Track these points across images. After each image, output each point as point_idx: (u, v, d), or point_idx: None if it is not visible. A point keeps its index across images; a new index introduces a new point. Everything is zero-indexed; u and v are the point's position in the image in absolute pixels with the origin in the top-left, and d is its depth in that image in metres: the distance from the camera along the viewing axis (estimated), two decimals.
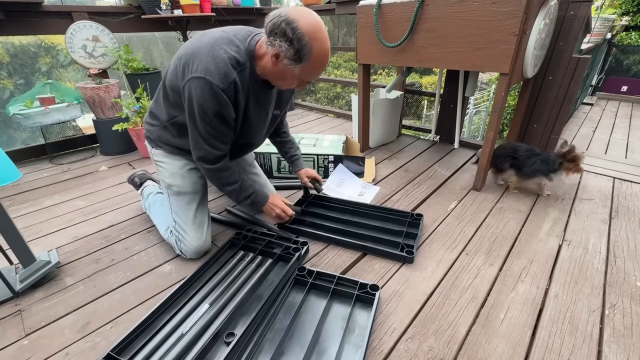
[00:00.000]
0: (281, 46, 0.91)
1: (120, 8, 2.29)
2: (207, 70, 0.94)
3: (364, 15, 1.82)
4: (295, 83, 1.05)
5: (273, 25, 0.91)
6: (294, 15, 0.89)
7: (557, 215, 1.52)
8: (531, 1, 1.29)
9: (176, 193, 1.23)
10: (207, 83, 0.94)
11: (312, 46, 0.91)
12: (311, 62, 0.94)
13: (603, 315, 1.00)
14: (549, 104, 1.89)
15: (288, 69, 0.97)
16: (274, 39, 0.92)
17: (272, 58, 0.96)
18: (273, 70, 1.00)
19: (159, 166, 1.25)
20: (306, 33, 0.89)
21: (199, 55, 0.96)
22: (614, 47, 5.92)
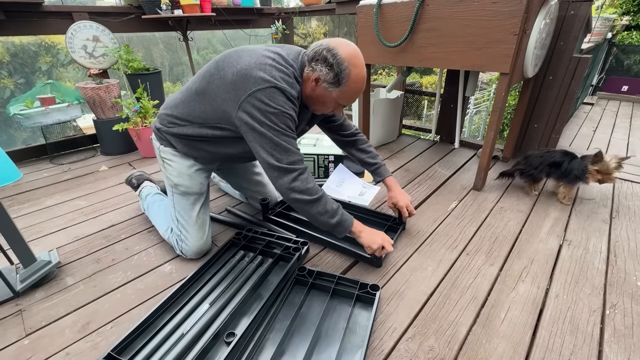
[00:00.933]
0: (322, 70, 0.98)
1: (121, 8, 2.29)
2: (273, 78, 0.95)
3: (364, 15, 1.82)
4: (332, 107, 1.09)
5: (315, 53, 0.99)
6: (334, 45, 0.98)
7: (558, 215, 1.52)
8: (532, 1, 1.29)
9: (182, 193, 1.22)
10: (276, 89, 0.95)
11: (351, 71, 0.98)
12: (349, 86, 1.00)
13: (604, 315, 1.00)
14: (550, 103, 1.89)
15: (327, 93, 1.02)
16: (316, 64, 0.99)
17: (312, 82, 1.02)
18: (312, 95, 1.05)
19: (167, 164, 1.22)
20: (345, 59, 0.96)
21: (257, 71, 0.95)
22: (615, 46, 5.91)
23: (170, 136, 1.19)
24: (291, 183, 1.02)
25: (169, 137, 1.20)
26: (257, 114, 0.95)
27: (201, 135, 1.12)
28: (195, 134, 1.12)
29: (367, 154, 1.40)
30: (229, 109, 1.00)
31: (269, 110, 0.95)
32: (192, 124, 1.12)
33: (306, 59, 1.03)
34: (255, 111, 0.95)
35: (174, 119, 1.15)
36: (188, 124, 1.13)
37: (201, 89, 1.07)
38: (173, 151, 1.22)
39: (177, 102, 1.15)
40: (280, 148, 0.99)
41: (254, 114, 0.96)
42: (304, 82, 1.05)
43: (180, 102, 1.14)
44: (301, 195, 1.03)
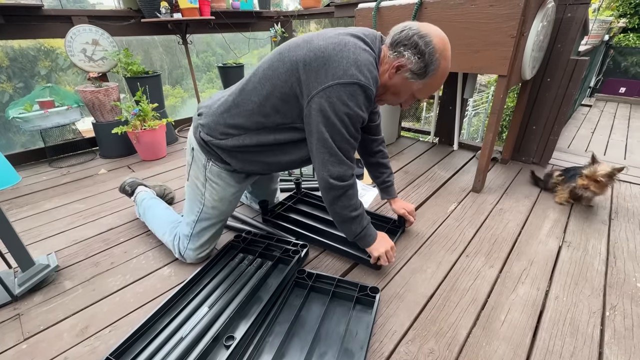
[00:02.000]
0: (410, 58, 0.87)
1: (120, 12, 2.30)
2: (359, 73, 0.84)
3: (363, 18, 1.83)
4: (403, 99, 1.00)
5: (403, 37, 0.88)
6: (427, 30, 0.87)
7: (557, 216, 1.52)
8: (529, 4, 1.30)
9: (213, 216, 1.17)
10: (360, 87, 0.84)
11: (440, 64, 0.89)
12: (434, 79, 0.92)
13: (604, 317, 1.00)
14: (548, 105, 1.90)
15: (407, 83, 0.92)
16: (404, 49, 0.88)
17: (392, 69, 0.91)
18: (388, 83, 0.94)
19: (210, 185, 1.11)
20: (438, 50, 0.87)
21: (338, 58, 0.83)
22: (612, 48, 5.94)
23: (222, 150, 1.05)
24: (339, 195, 0.98)
25: (221, 152, 1.05)
26: (331, 113, 0.85)
27: (261, 143, 0.99)
28: (255, 143, 1.00)
29: (386, 169, 1.33)
30: (301, 103, 0.89)
31: (344, 112, 0.86)
32: (249, 132, 0.99)
33: (388, 41, 0.92)
34: (330, 109, 0.85)
35: (229, 128, 1.01)
36: (244, 133, 0.99)
37: (263, 91, 0.93)
38: (222, 172, 1.11)
39: (231, 109, 1.00)
40: (335, 159, 0.92)
41: (327, 113, 0.85)
42: (381, 64, 0.94)
43: (235, 108, 0.99)
44: (344, 211, 1.01)
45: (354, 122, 0.89)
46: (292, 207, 1.59)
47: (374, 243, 1.11)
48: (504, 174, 1.95)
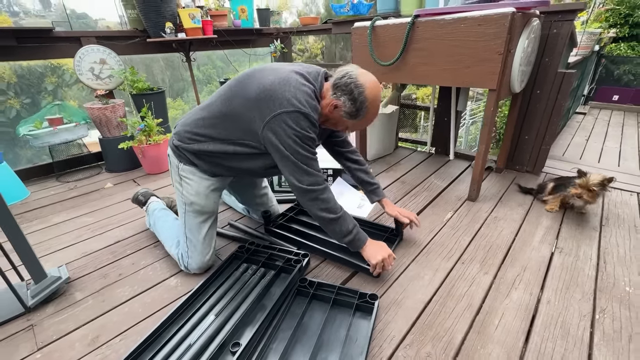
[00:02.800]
0: (345, 102, 1.07)
1: (127, 32, 2.40)
2: (298, 103, 1.01)
3: (359, 36, 1.92)
4: (341, 129, 1.23)
5: (342, 83, 1.06)
6: (363, 81, 1.05)
7: (550, 223, 1.57)
8: (514, 23, 1.38)
9: (195, 211, 1.25)
10: (301, 114, 1.01)
11: (369, 110, 1.09)
12: (364, 121, 1.13)
13: (593, 320, 1.04)
14: (539, 116, 1.97)
15: (342, 119, 1.12)
16: (341, 93, 1.07)
17: (331, 106, 1.10)
18: (328, 116, 1.13)
19: (185, 182, 1.23)
20: (369, 98, 1.06)
21: (282, 92, 1.01)
22: (604, 58, 6.07)
23: (189, 153, 1.19)
24: (312, 202, 1.11)
25: (189, 155, 1.20)
26: (283, 136, 1.01)
27: (223, 151, 1.14)
28: (217, 150, 1.14)
29: (366, 174, 1.46)
30: (256, 128, 1.05)
31: (293, 133, 1.01)
32: (214, 140, 1.14)
33: (331, 82, 1.10)
34: (281, 132, 1.01)
35: (195, 135, 1.16)
36: (210, 140, 1.15)
37: (224, 110, 1.10)
38: (193, 169, 1.22)
39: (198, 121, 1.16)
40: (301, 170, 1.07)
41: (280, 136, 1.02)
42: (323, 97, 1.12)
43: (201, 120, 1.15)
44: (322, 212, 1.12)
45: (304, 141, 1.05)
46: (294, 218, 1.65)
47: (370, 250, 1.19)
48: (499, 182, 2.01)
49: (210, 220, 1.30)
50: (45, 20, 2.11)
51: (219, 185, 1.29)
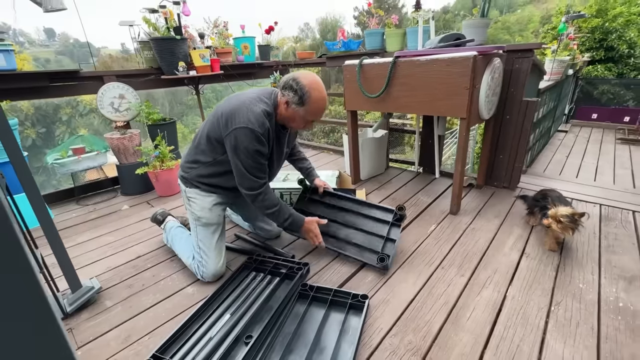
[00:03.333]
0: (289, 95, 1.31)
1: (143, 70, 2.69)
2: (249, 121, 1.27)
3: (349, 72, 2.21)
4: (303, 123, 1.40)
5: (284, 83, 1.33)
6: (297, 75, 1.32)
7: (520, 232, 1.79)
8: (476, 64, 1.66)
9: (204, 224, 1.49)
10: (250, 130, 1.27)
11: (311, 94, 1.30)
12: (311, 105, 1.32)
13: (549, 311, 1.24)
14: (510, 138, 2.23)
15: (296, 111, 1.34)
16: (285, 91, 1.32)
17: (284, 105, 1.34)
18: (286, 115, 1.37)
19: (191, 201, 1.49)
20: (306, 85, 1.29)
21: (239, 111, 1.29)
22: (580, 80, 6.49)
23: (192, 179, 1.49)
24: (253, 200, 1.41)
25: (192, 180, 1.49)
26: (234, 144, 1.29)
27: (214, 172, 1.44)
28: (210, 173, 1.44)
29: (305, 161, 1.83)
30: (222, 139, 1.33)
31: (240, 145, 1.28)
32: (205, 165, 1.44)
33: (279, 90, 1.36)
34: (233, 141, 1.29)
35: (191, 164, 1.48)
36: (202, 165, 1.45)
37: (206, 133, 1.39)
38: (197, 190, 1.49)
39: (191, 151, 1.49)
40: (244, 176, 1.34)
41: (232, 144, 1.29)
42: (279, 107, 1.37)
43: (193, 150, 1.48)
44: (261, 209, 1.44)
45: (249, 150, 1.29)
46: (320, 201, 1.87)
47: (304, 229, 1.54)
48: (478, 197, 2.24)
49: (218, 232, 1.52)
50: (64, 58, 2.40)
51: (220, 200, 1.53)
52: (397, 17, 2.64)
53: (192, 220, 1.51)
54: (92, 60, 2.92)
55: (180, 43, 2.57)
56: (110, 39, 9.18)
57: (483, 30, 2.17)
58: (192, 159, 1.48)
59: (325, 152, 3.61)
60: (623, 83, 6.91)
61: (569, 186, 2.43)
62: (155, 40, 2.52)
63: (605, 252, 1.58)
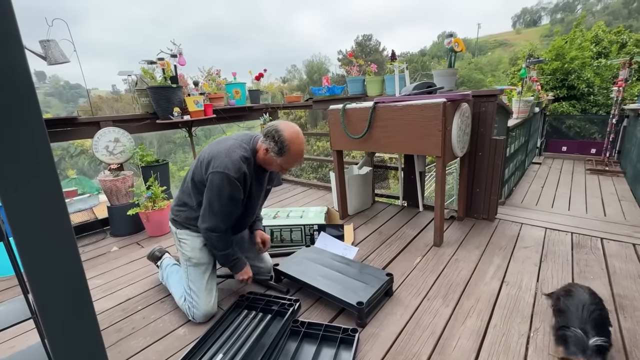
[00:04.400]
0: (270, 144, 1.41)
1: (139, 115, 2.83)
2: (225, 167, 1.37)
3: (334, 116, 2.40)
4: (279, 168, 1.51)
5: (267, 131, 1.43)
6: (282, 127, 1.41)
7: (500, 262, 1.89)
8: (446, 109, 1.86)
9: (194, 264, 1.53)
10: (225, 175, 1.36)
11: (290, 147, 1.41)
12: (288, 157, 1.43)
13: (529, 337, 1.30)
14: (484, 172, 2.41)
15: (273, 159, 1.44)
16: (267, 139, 1.43)
17: (264, 151, 1.44)
18: (264, 159, 1.47)
19: (183, 242, 1.55)
20: (287, 138, 1.40)
21: (218, 157, 1.39)
22: (547, 116, 7.03)
23: (182, 221, 1.56)
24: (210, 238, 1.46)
25: (182, 222, 1.56)
26: (209, 187, 1.38)
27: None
28: (197, 216, 1.48)
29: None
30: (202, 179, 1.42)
31: (214, 188, 1.37)
32: (191, 208, 1.52)
33: (262, 134, 1.47)
34: (209, 184, 1.38)
35: (180, 207, 1.56)
36: (189, 209, 1.53)
37: (191, 177, 1.49)
38: (188, 231, 1.55)
39: (179, 195, 1.58)
40: (210, 216, 1.41)
41: (208, 185, 1.39)
42: (258, 150, 1.47)
43: (181, 194, 1.57)
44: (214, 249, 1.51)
45: (224, 197, 1.38)
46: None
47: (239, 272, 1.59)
48: (460, 229, 2.36)
49: (208, 271, 1.56)
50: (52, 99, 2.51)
51: None
52: (376, 65, 2.93)
53: (183, 261, 1.56)
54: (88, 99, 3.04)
55: (176, 90, 2.75)
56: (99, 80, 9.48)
57: (451, 78, 2.44)
58: (181, 202, 1.57)
59: (314, 189, 3.73)
60: (587, 118, 7.52)
61: (545, 216, 2.59)
62: (152, 88, 2.69)
63: (578, 277, 1.69)
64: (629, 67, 4.72)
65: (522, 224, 2.38)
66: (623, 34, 9.69)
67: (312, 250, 2.00)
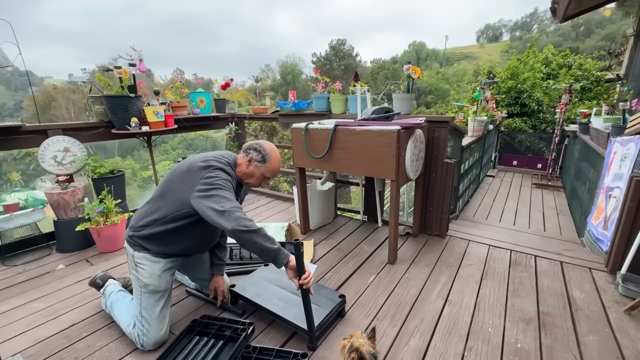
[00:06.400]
0: (253, 154, 1.52)
1: (92, 124, 2.68)
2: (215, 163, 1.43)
3: (297, 135, 2.44)
4: (259, 180, 1.57)
5: (249, 146, 1.55)
6: (260, 142, 1.57)
7: (446, 280, 2.03)
8: (400, 136, 1.97)
9: (150, 291, 1.47)
10: (217, 169, 1.41)
11: (271, 156, 1.55)
12: (270, 164, 1.54)
13: (463, 356, 1.43)
14: (436, 192, 2.57)
15: (257, 168, 1.53)
16: (249, 151, 1.54)
17: (246, 162, 1.53)
18: (246, 172, 1.53)
19: (140, 267, 1.46)
20: (268, 149, 1.55)
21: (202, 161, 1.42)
22: (501, 132, 7.58)
23: (142, 240, 1.46)
24: (234, 222, 1.26)
25: (141, 242, 1.46)
26: (206, 186, 1.34)
27: (169, 229, 1.43)
28: (163, 230, 1.43)
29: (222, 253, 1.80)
30: (186, 194, 1.36)
31: (213, 180, 1.35)
32: (158, 222, 1.43)
33: (241, 152, 1.55)
34: (205, 185, 1.34)
35: (144, 222, 1.45)
36: (155, 224, 1.44)
37: (162, 192, 1.45)
38: (147, 255, 1.48)
39: (144, 210, 1.49)
40: (223, 199, 1.31)
41: (204, 188, 1.33)
42: (238, 166, 1.53)
43: (147, 208, 1.49)
44: (244, 227, 1.26)
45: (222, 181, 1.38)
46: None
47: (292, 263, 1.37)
48: (414, 246, 2.49)
49: (163, 299, 1.52)
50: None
51: (170, 265, 1.54)
52: (340, 84, 3.01)
53: (137, 286, 1.50)
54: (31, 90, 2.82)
55: (135, 100, 2.65)
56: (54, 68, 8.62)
57: (409, 102, 2.58)
58: (147, 218, 1.46)
59: (279, 200, 3.75)
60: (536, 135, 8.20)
61: (490, 232, 2.80)
62: (108, 97, 2.57)
63: (511, 296, 1.86)
64: (569, 92, 5.24)
65: (470, 241, 2.56)
66: (569, 57, 10.67)
67: (270, 269, 2.02)
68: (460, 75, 44.67)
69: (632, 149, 2.18)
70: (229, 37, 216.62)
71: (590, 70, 9.71)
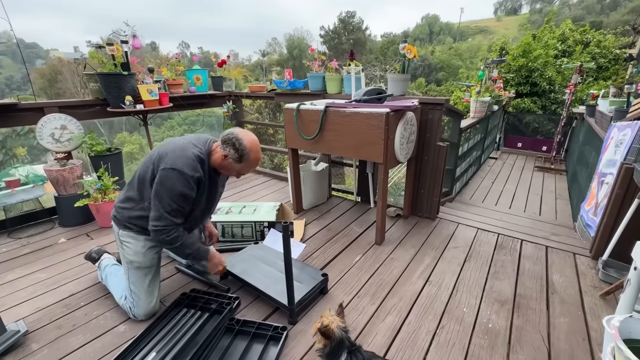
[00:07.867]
0: (230, 151, 1.46)
1: (88, 101, 2.71)
2: (178, 163, 1.37)
3: (289, 115, 2.43)
4: (235, 174, 1.58)
5: (227, 138, 1.46)
6: (241, 136, 1.46)
7: (430, 261, 2.08)
8: (389, 119, 1.96)
9: (136, 267, 1.56)
10: (178, 172, 1.37)
11: (250, 155, 1.48)
12: (247, 163, 1.51)
13: (435, 334, 1.50)
14: (428, 175, 2.58)
15: (231, 165, 1.49)
16: (226, 146, 1.46)
17: (222, 157, 1.48)
18: (221, 164, 1.51)
19: (125, 245, 1.54)
20: (247, 147, 1.46)
21: (172, 154, 1.40)
22: (507, 113, 7.38)
23: (125, 220, 1.53)
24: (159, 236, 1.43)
25: (124, 221, 1.53)
26: (159, 182, 1.37)
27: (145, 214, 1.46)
28: (142, 214, 1.48)
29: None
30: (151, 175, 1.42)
31: (165, 185, 1.37)
32: (137, 204, 1.50)
33: (219, 140, 1.49)
34: (159, 180, 1.38)
35: (125, 204, 1.54)
36: (134, 206, 1.51)
37: (141, 176, 1.48)
38: (130, 233, 1.55)
39: (125, 192, 1.57)
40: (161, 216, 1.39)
41: (157, 182, 1.38)
42: (213, 154, 1.49)
43: (126, 190, 1.56)
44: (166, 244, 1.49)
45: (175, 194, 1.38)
46: None
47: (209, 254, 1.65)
48: (403, 227, 2.54)
49: (150, 274, 1.60)
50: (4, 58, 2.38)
51: (154, 243, 1.59)
52: (337, 62, 2.95)
53: (124, 262, 1.58)
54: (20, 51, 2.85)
55: (128, 78, 2.64)
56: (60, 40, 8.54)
57: (403, 84, 2.53)
58: (125, 199, 1.55)
59: (275, 179, 3.79)
60: (545, 116, 7.97)
61: (480, 216, 2.83)
62: (102, 75, 2.58)
63: (491, 278, 1.91)
64: (579, 73, 5.03)
65: (459, 224, 2.59)
66: (587, 34, 10.13)
67: (259, 247, 2.10)
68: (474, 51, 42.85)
69: (628, 134, 2.13)
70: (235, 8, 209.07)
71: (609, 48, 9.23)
